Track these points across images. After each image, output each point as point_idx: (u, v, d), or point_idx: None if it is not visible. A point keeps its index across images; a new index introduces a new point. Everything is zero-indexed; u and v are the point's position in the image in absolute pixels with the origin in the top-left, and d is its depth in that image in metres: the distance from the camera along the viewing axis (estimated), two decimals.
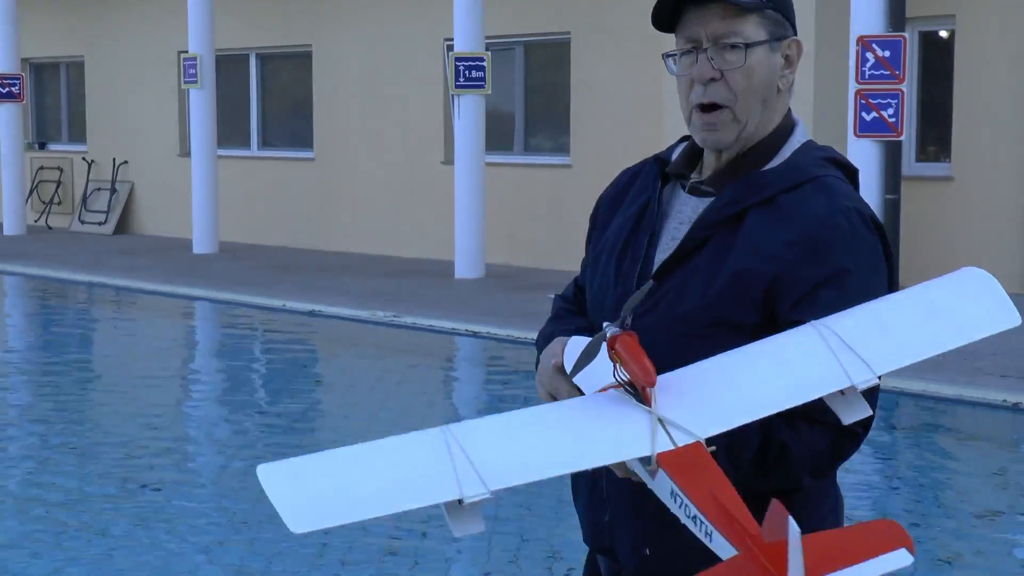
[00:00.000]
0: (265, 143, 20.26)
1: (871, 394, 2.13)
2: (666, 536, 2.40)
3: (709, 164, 2.51)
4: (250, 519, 6.49)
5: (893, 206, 12.51)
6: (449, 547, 6.07)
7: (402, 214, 18.13)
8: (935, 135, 14.32)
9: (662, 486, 2.01)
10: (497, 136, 17.00)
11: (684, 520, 1.98)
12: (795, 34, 2.48)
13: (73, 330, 13.56)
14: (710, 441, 2.03)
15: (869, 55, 12.13)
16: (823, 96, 13.79)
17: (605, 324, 2.17)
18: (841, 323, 2.17)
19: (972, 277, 2.26)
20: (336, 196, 18.91)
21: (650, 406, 2.06)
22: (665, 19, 2.45)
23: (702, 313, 2.37)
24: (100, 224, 21.45)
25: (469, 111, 15.39)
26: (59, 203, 22.46)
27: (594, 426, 2.08)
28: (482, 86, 15.28)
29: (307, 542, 6.03)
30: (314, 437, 8.44)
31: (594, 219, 2.70)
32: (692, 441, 2.02)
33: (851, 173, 2.50)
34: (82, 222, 21.74)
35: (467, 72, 15.19)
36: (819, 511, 2.48)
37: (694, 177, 2.51)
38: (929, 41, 14.64)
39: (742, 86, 2.40)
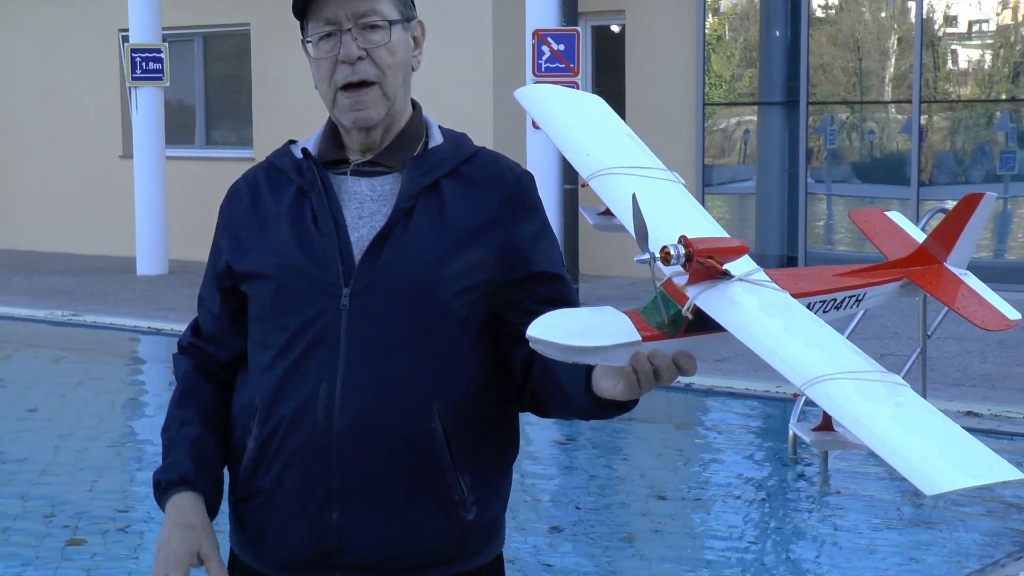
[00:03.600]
0: None
1: None
2: (415, 517, 2.42)
3: (361, 146, 2.52)
4: None
5: (572, 195, 12.87)
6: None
7: (80, 210, 17.59)
8: None
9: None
10: (177, 129, 16.68)
11: (832, 313, 2.33)
12: (417, 16, 2.56)
13: None
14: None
15: (545, 48, 12.44)
16: (501, 89, 14.08)
17: (641, 257, 2.12)
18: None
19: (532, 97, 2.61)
20: (8, 192, 18.20)
21: (733, 275, 2.15)
22: (300, 5, 2.47)
23: (441, 276, 2.41)
24: None
25: (147, 104, 15.06)
26: None
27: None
28: (160, 78, 14.97)
29: None
30: None
31: (234, 239, 2.56)
32: (756, 268, 2.20)
33: None
34: None
35: (144, 64, 14.86)
36: (498, 501, 2.55)
37: (354, 160, 2.53)
38: (601, 35, 15.13)
39: (387, 63, 2.45)
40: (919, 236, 2.74)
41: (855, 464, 7.29)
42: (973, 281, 2.65)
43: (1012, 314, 2.62)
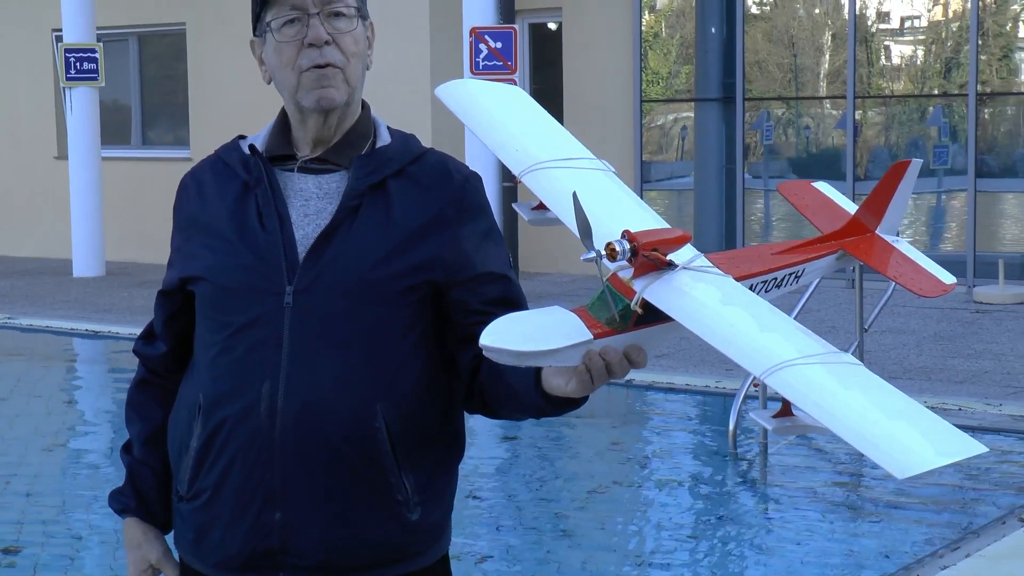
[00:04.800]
0: None
1: None
2: (359, 517, 2.40)
3: (315, 134, 2.51)
4: None
5: (511, 193, 12.89)
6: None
7: (14, 212, 17.42)
8: None
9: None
10: (113, 129, 16.54)
11: (773, 291, 2.40)
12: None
13: None
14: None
15: (482, 46, 12.46)
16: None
17: (586, 256, 2.13)
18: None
19: (454, 92, 2.70)
20: None
21: (677, 265, 2.15)
22: None
23: (385, 275, 2.40)
24: None
25: (82, 104, 14.94)
26: None
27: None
28: (95, 78, 14.85)
29: None
30: None
31: (186, 231, 2.58)
32: (697, 254, 2.22)
33: None
34: None
35: (78, 64, 14.74)
36: (443, 501, 2.54)
37: (302, 156, 2.52)
38: (539, 32, 15.15)
39: (352, 50, 2.46)
40: (849, 206, 2.77)
41: (795, 457, 7.34)
42: (906, 247, 2.68)
43: (948, 279, 2.65)
